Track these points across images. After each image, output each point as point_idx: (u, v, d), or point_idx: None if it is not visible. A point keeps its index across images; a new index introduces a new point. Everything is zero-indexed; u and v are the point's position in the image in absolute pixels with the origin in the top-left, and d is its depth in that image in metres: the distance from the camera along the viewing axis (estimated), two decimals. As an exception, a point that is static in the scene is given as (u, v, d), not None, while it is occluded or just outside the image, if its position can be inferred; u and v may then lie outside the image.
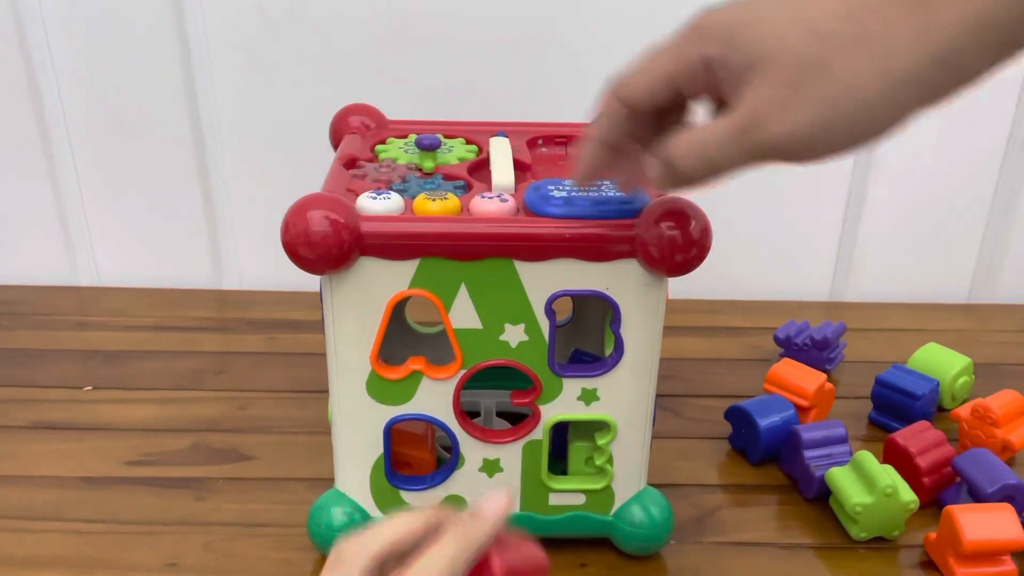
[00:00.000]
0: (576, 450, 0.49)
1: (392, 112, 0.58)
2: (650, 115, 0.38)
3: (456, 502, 0.49)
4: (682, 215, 0.42)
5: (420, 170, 0.49)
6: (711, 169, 0.35)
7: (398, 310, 0.58)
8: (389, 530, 0.33)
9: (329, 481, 0.50)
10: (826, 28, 0.32)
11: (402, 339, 0.59)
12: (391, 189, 0.46)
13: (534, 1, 0.73)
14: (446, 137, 0.54)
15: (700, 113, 0.38)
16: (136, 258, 0.83)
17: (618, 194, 0.44)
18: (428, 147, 0.49)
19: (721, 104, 0.35)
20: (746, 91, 0.33)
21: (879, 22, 0.31)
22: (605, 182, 0.45)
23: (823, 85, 0.31)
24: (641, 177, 0.39)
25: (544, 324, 0.44)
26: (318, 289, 0.49)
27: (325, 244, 0.41)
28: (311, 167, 0.61)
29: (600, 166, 0.40)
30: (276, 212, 0.42)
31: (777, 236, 0.83)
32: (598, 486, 0.49)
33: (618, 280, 0.44)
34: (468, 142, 0.54)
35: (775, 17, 0.33)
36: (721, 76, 0.34)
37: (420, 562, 0.32)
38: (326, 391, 0.48)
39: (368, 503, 0.49)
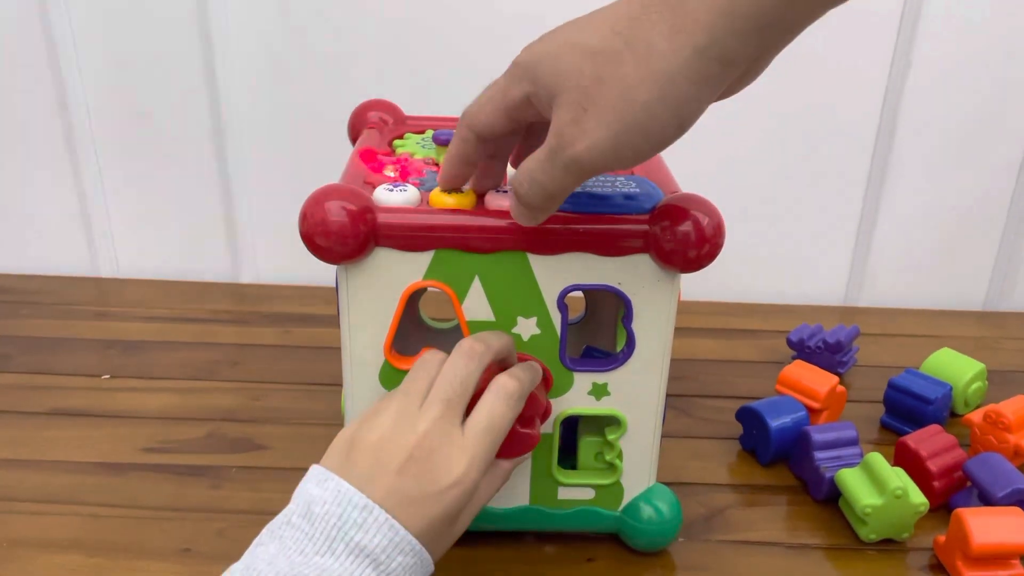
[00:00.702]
0: (586, 445, 0.50)
1: (410, 108, 0.58)
2: (502, 138, 0.41)
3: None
4: (696, 211, 0.43)
5: (437, 165, 0.50)
6: (544, 193, 0.38)
7: (412, 305, 0.59)
8: (498, 340, 0.43)
9: (341, 471, 0.50)
10: (598, 46, 0.34)
11: (416, 334, 0.60)
12: (408, 182, 0.47)
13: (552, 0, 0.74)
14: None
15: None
16: (155, 251, 0.84)
17: (632, 190, 0.44)
18: (445, 142, 0.50)
19: None
20: (553, 119, 0.36)
21: (639, 28, 0.34)
22: (620, 178, 0.45)
23: (604, 99, 0.34)
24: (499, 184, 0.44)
25: (556, 318, 0.45)
26: (333, 284, 0.49)
27: (342, 234, 0.41)
28: (329, 163, 0.61)
29: (459, 178, 0.43)
30: (293, 208, 0.43)
31: (792, 240, 0.83)
32: (607, 481, 0.49)
33: (631, 275, 0.44)
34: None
35: (562, 47, 0.36)
36: (540, 107, 0.37)
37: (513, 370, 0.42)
38: (340, 384, 0.49)
39: (379, 493, 0.49)
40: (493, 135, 0.41)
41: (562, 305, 0.45)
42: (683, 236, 0.42)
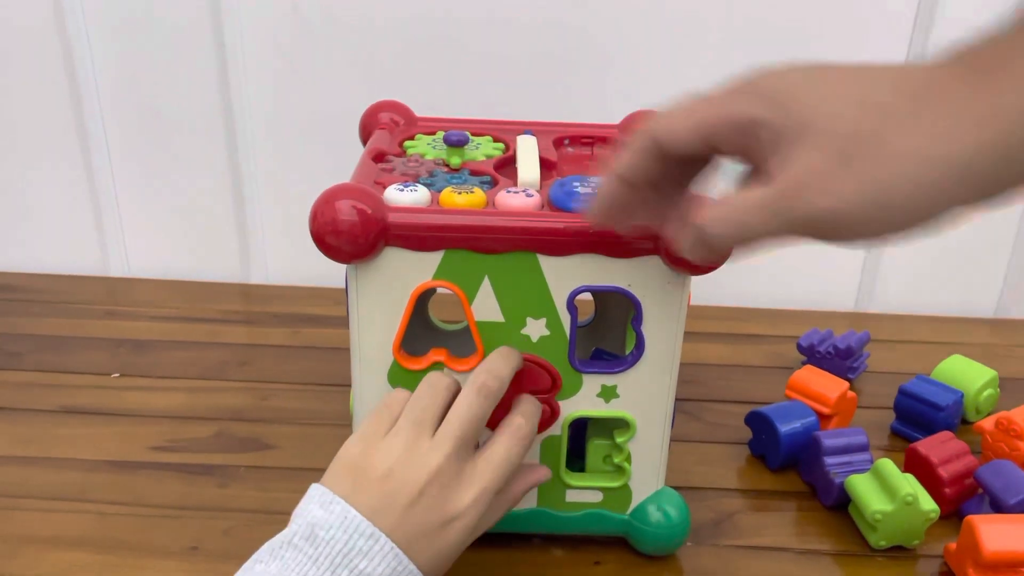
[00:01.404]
0: (594, 447, 0.50)
1: (421, 110, 0.59)
2: (675, 164, 0.36)
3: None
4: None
5: (447, 165, 0.50)
6: (744, 238, 0.33)
7: (422, 306, 0.59)
8: (509, 369, 0.44)
9: (349, 471, 0.50)
10: (884, 102, 0.30)
11: (425, 335, 0.60)
12: (418, 182, 0.47)
13: (564, 4, 0.74)
14: (474, 135, 0.55)
15: (725, 174, 0.37)
16: (166, 251, 0.84)
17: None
18: (456, 143, 0.50)
19: (754, 169, 0.34)
20: (791, 159, 0.31)
21: (937, 103, 0.29)
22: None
23: (874, 160, 0.29)
24: (651, 226, 0.38)
25: (565, 319, 0.45)
26: (343, 284, 0.49)
27: (352, 233, 0.41)
28: (341, 164, 0.61)
29: (617, 203, 0.37)
30: (304, 209, 0.43)
31: (803, 245, 0.83)
32: (615, 484, 0.49)
33: (640, 277, 0.44)
34: (495, 140, 0.55)
35: (832, 86, 0.31)
36: (764, 139, 0.32)
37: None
38: (348, 385, 0.49)
39: (387, 493, 0.49)
40: (681, 150, 0.34)
41: (572, 306, 0.45)
42: (694, 238, 0.42)
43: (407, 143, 0.53)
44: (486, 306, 0.44)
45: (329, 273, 0.56)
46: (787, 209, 0.31)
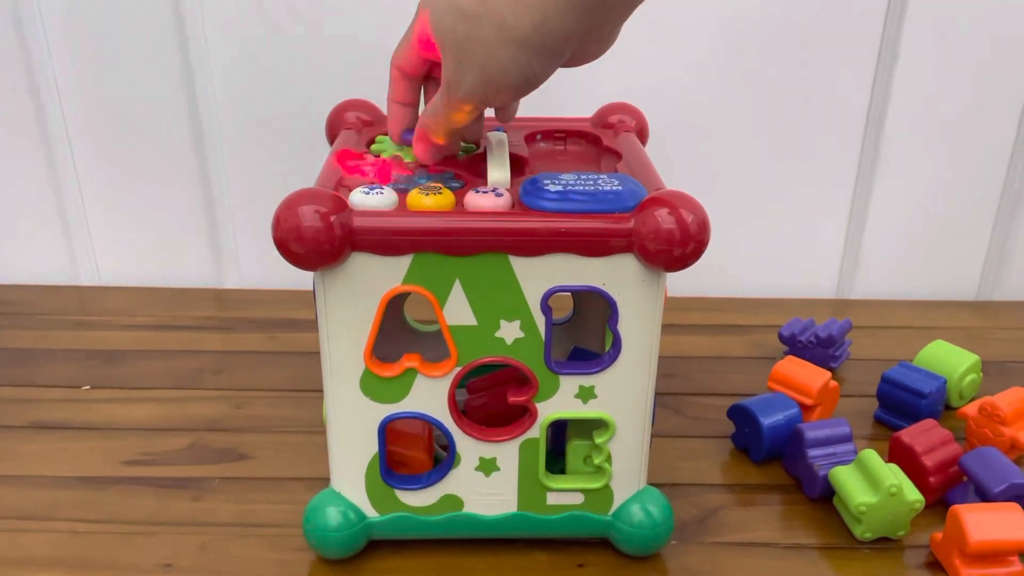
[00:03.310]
0: (574, 448, 0.49)
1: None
2: (427, 79, 0.49)
3: (453, 502, 0.48)
4: (680, 208, 0.41)
5: (404, 165, 0.49)
6: (445, 129, 0.46)
7: (397, 307, 0.58)
8: None
9: (327, 481, 0.49)
10: (466, 9, 0.41)
11: (400, 337, 0.59)
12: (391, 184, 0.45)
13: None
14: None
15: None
16: (136, 257, 0.83)
17: (615, 187, 0.43)
18: (411, 142, 0.49)
19: None
20: (442, 66, 0.44)
21: (495, 2, 0.40)
22: (602, 176, 0.44)
23: (473, 54, 0.41)
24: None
25: (540, 320, 0.44)
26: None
27: (316, 239, 0.40)
28: (311, 164, 0.60)
29: (403, 122, 0.49)
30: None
31: (783, 233, 0.82)
32: (597, 485, 0.48)
33: (615, 275, 0.43)
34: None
35: (443, 8, 0.42)
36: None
37: None
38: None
39: (364, 503, 0.48)
40: (415, 71, 0.48)
41: (546, 307, 0.44)
42: (667, 234, 0.41)
43: (374, 146, 0.52)
44: (458, 310, 0.43)
45: (306, 275, 0.54)
46: (450, 100, 0.44)
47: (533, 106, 0.67)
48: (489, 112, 0.57)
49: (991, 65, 0.76)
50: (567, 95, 0.75)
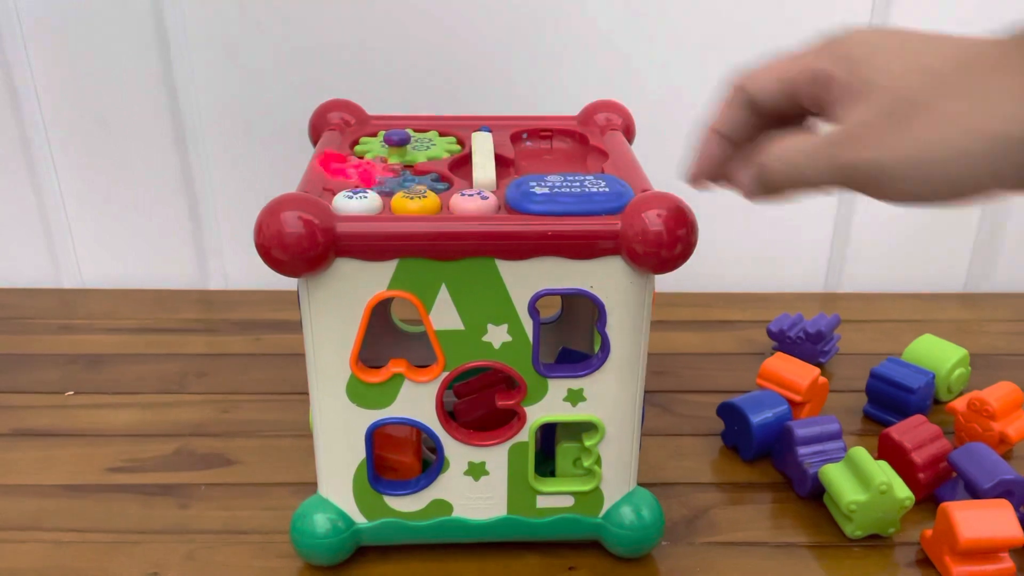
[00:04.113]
0: (563, 451, 0.48)
1: (375, 108, 0.57)
2: (768, 119, 0.38)
3: (442, 507, 0.48)
4: (667, 210, 0.41)
5: (408, 167, 0.48)
6: (796, 179, 0.35)
7: (383, 309, 0.57)
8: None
9: (315, 486, 0.49)
10: (935, 68, 0.31)
11: (387, 339, 0.58)
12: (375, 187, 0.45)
13: (519, -8, 0.72)
14: (427, 132, 0.53)
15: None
16: (119, 259, 0.82)
17: (602, 189, 0.43)
18: (397, 143, 0.48)
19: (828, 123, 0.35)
20: (850, 112, 0.33)
21: (989, 76, 0.30)
22: (589, 177, 0.44)
23: (919, 123, 0.31)
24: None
25: (528, 324, 0.43)
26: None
27: (299, 246, 0.40)
28: (295, 164, 0.59)
29: (715, 160, 0.39)
30: (259, 210, 0.41)
31: (771, 227, 0.82)
32: (586, 488, 0.48)
33: (603, 278, 0.42)
34: (447, 135, 0.53)
35: (896, 51, 0.33)
36: (834, 93, 0.34)
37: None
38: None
39: (352, 509, 0.48)
40: (768, 101, 0.37)
41: (533, 311, 0.43)
42: (655, 237, 0.41)
43: (358, 147, 0.51)
44: (445, 314, 0.43)
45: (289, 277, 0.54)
46: (836, 156, 0.33)
47: (518, 104, 0.67)
48: (488, 111, 0.57)
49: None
50: (552, 93, 0.75)
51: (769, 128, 0.38)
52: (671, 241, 0.41)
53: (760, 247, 0.83)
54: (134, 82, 0.74)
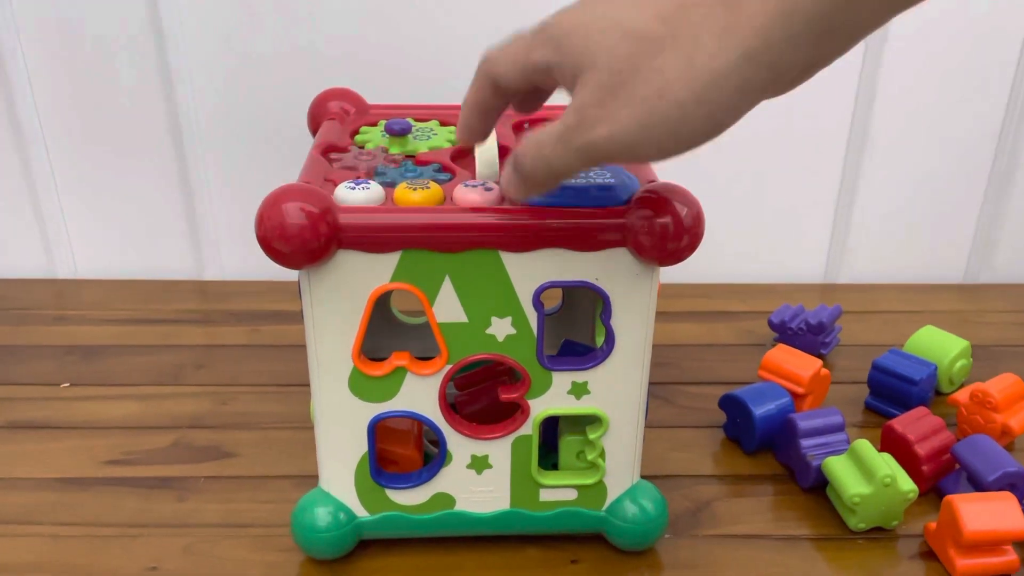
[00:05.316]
0: (567, 444, 0.48)
1: (374, 97, 0.56)
2: (519, 93, 0.39)
3: (444, 500, 0.47)
4: (674, 202, 0.41)
5: (409, 157, 0.48)
6: (549, 171, 0.36)
7: (383, 301, 0.56)
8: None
9: (315, 478, 0.48)
10: (640, 30, 0.31)
11: (387, 330, 0.58)
12: (373, 177, 0.44)
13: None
14: (428, 121, 0.53)
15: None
16: (114, 249, 0.81)
17: (608, 180, 0.42)
18: (399, 133, 0.47)
19: None
20: (574, 95, 0.33)
21: (687, 22, 0.31)
22: (594, 168, 0.43)
23: (637, 87, 0.31)
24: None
25: (532, 317, 0.43)
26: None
27: (301, 237, 0.39)
28: (292, 153, 0.59)
29: (476, 131, 0.40)
30: (257, 199, 0.40)
31: (770, 217, 0.82)
32: (590, 481, 0.47)
33: (608, 270, 0.42)
34: (447, 124, 0.52)
35: (600, 22, 0.33)
36: (560, 78, 0.35)
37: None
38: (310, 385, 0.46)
39: (353, 502, 0.47)
40: (508, 88, 0.37)
41: (538, 303, 0.43)
42: (661, 228, 0.40)
43: (359, 137, 0.51)
44: (448, 307, 0.42)
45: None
46: (574, 140, 0.34)
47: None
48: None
49: (980, 49, 0.75)
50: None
51: (520, 99, 0.39)
52: (678, 233, 0.40)
53: (760, 238, 0.83)
54: (129, 71, 0.73)
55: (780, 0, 0.29)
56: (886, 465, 0.50)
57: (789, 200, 0.81)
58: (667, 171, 0.44)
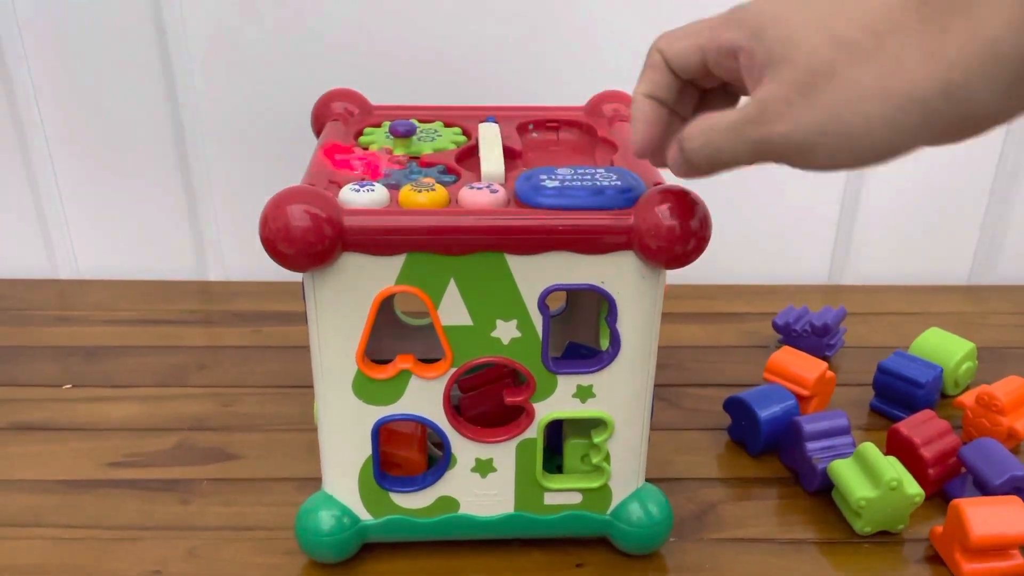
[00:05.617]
0: (572, 447, 0.48)
1: (378, 97, 0.56)
2: (690, 87, 0.38)
3: (449, 504, 0.47)
4: (680, 204, 0.40)
5: (414, 158, 0.47)
6: (715, 157, 0.35)
7: (386, 303, 0.56)
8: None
9: (319, 481, 0.48)
10: (848, 37, 0.31)
11: (391, 332, 0.58)
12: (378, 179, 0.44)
13: (523, -21, 0.71)
14: (432, 123, 0.52)
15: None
16: (116, 249, 0.80)
17: (614, 183, 0.42)
18: (403, 134, 0.47)
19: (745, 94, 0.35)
20: (761, 86, 0.33)
21: (896, 39, 0.30)
22: (600, 170, 0.43)
23: (828, 93, 0.31)
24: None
25: (537, 320, 0.43)
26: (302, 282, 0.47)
27: (306, 240, 0.39)
28: (295, 153, 0.58)
29: (653, 126, 0.38)
30: (260, 200, 0.40)
31: (775, 219, 0.81)
32: (595, 484, 0.47)
33: (614, 273, 0.42)
34: (452, 126, 0.52)
35: (804, 18, 0.32)
36: (744, 65, 0.34)
37: None
38: (313, 387, 0.46)
39: (357, 506, 0.47)
40: (684, 68, 0.37)
41: (543, 306, 0.42)
42: (668, 231, 0.40)
43: (362, 138, 0.51)
44: (453, 310, 0.42)
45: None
46: (750, 132, 0.33)
47: (523, 94, 0.66)
48: (493, 101, 0.56)
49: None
50: (558, 83, 0.74)
51: (701, 93, 0.39)
52: (684, 236, 0.40)
53: (764, 239, 0.82)
54: (131, 71, 0.73)
55: (991, 38, 0.28)
56: (892, 468, 0.50)
57: (794, 202, 0.81)
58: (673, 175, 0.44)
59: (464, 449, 0.46)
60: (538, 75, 0.74)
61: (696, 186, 0.42)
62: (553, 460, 0.50)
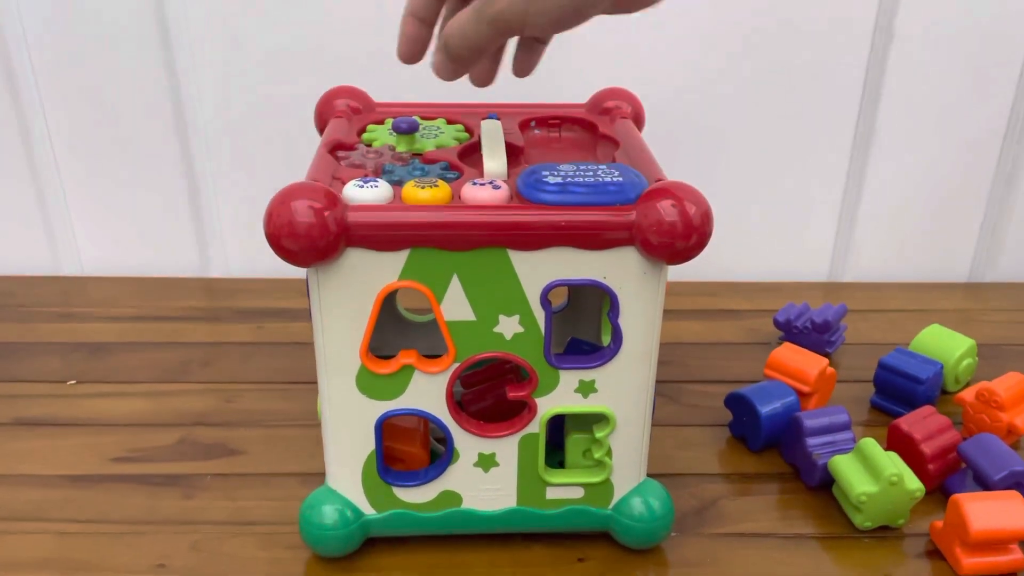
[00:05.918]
0: (574, 442, 0.48)
1: (381, 94, 0.56)
2: (451, 2, 0.44)
3: (451, 498, 0.47)
4: (682, 200, 0.41)
5: (393, 152, 0.48)
6: (471, 46, 0.40)
7: (389, 299, 0.56)
8: None
9: (322, 476, 0.48)
10: None
11: (393, 328, 0.58)
12: (381, 175, 0.44)
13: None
14: (435, 120, 0.53)
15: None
16: (120, 246, 0.81)
17: (615, 178, 0.42)
18: (406, 131, 0.47)
19: None
20: None
21: None
22: (602, 167, 0.43)
23: None
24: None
25: (540, 315, 0.43)
26: (306, 276, 0.47)
27: (310, 235, 0.39)
28: (298, 150, 0.59)
29: (415, 41, 0.45)
30: (263, 197, 0.41)
31: (776, 215, 0.82)
32: (597, 479, 0.48)
33: (616, 269, 0.42)
34: (454, 123, 0.52)
35: None
36: None
37: None
38: (316, 382, 0.46)
39: (360, 500, 0.47)
40: None
41: (545, 302, 0.43)
42: (670, 227, 0.40)
43: (366, 135, 0.51)
44: (456, 305, 0.42)
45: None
46: (485, 14, 0.39)
47: (524, 91, 0.66)
48: (495, 98, 0.56)
49: (987, 47, 0.75)
50: (560, 80, 0.74)
51: (461, 5, 0.43)
52: (687, 231, 0.40)
53: (765, 236, 0.83)
54: (134, 68, 0.73)
55: None
56: (892, 464, 0.50)
57: (795, 198, 0.81)
58: (674, 170, 0.44)
59: (467, 444, 0.46)
60: (540, 72, 0.74)
61: (697, 183, 0.42)
62: (555, 455, 0.50)
